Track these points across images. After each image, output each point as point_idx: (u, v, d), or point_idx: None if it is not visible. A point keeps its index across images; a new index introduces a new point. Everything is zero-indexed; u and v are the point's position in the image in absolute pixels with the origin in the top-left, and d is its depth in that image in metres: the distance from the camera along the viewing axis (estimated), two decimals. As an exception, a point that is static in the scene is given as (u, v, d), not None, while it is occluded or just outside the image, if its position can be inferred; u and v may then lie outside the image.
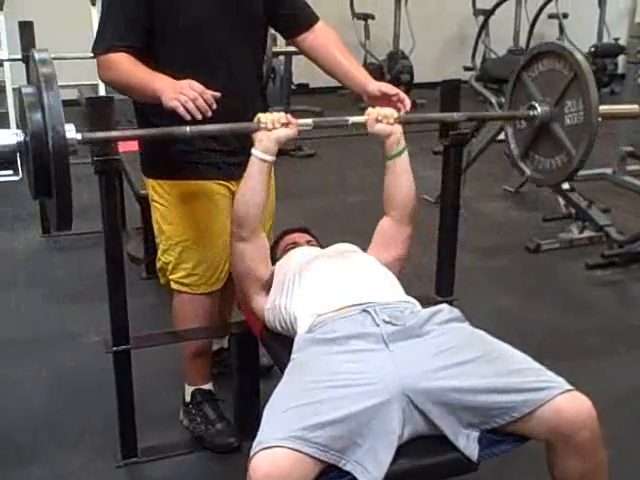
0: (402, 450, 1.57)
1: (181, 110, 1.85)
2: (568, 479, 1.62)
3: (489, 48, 7.65)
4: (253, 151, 1.93)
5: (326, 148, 6.07)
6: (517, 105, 2.33)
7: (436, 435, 1.60)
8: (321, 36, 2.28)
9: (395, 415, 1.55)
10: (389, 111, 2.05)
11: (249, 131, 1.95)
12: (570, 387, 1.57)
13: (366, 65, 8.28)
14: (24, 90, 1.65)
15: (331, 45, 2.27)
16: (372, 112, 2.05)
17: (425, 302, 2.03)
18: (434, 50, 8.51)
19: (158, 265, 2.35)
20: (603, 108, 2.12)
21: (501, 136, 4.56)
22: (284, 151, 2.12)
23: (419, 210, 2.13)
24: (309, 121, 2.00)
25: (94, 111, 1.95)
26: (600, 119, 2.10)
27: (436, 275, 2.44)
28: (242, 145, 2.10)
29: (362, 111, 2.12)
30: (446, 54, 8.51)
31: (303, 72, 7.37)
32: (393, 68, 7.97)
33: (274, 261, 2.21)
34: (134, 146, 2.38)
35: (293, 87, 7.48)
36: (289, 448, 1.44)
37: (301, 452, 1.45)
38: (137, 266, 3.57)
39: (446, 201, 2.38)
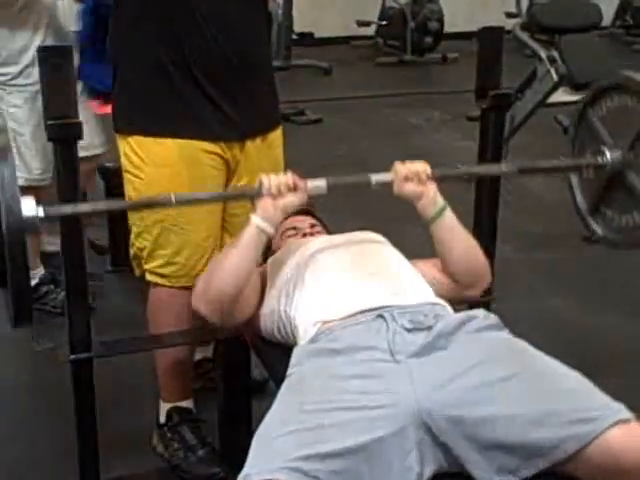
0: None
1: None
2: None
3: (538, -10, 7.64)
4: (253, 219, 1.94)
5: (334, 113, 6.09)
6: (583, 149, 2.30)
7: (461, 473, 1.59)
8: None
9: (411, 447, 1.55)
10: (421, 167, 2.02)
11: (248, 196, 1.99)
12: (627, 415, 1.53)
13: (385, 10, 8.28)
14: None
15: None
16: (400, 169, 2.01)
17: (457, 303, 2.03)
18: (469, -8, 8.49)
19: (132, 252, 2.36)
20: None
21: (552, 99, 4.56)
22: (283, 115, 2.14)
23: (489, 272, 2.12)
24: (322, 183, 1.97)
25: (49, 66, 1.95)
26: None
27: (471, 269, 2.44)
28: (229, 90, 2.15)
29: (380, 67, 2.11)
30: (484, -3, 8.50)
31: (306, 18, 7.36)
32: (418, 14, 7.97)
33: (269, 249, 2.22)
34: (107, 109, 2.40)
35: (294, 37, 7.49)
36: None
37: None
38: (100, 256, 3.59)
39: (484, 179, 2.37)
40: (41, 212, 1.75)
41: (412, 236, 2.13)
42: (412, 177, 2.00)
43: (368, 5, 8.35)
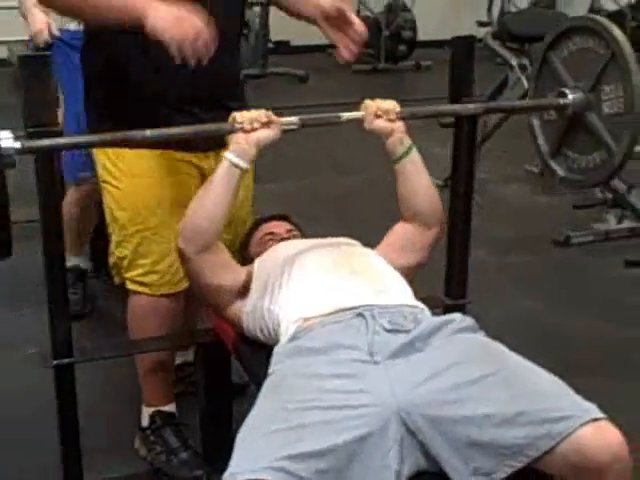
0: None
1: (175, 49, 1.86)
2: None
3: (508, -1, 7.68)
4: (226, 154, 1.96)
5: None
6: (544, 92, 2.34)
7: (440, 473, 1.60)
8: None
9: (390, 446, 1.56)
10: (390, 105, 2.09)
11: (222, 133, 1.99)
12: (598, 415, 1.54)
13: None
14: None
15: None
16: (370, 106, 2.08)
17: (432, 305, 2.04)
18: (442, 1, 8.52)
19: (111, 261, 2.35)
20: None
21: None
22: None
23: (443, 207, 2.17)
24: (294, 119, 2.03)
25: (29, 74, 1.93)
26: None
27: (445, 273, 2.44)
28: (209, 99, 2.14)
29: (355, 74, 2.13)
30: (456, 6, 8.54)
31: (283, 27, 7.33)
32: (392, 23, 8.00)
33: (247, 258, 2.23)
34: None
35: (270, 45, 7.49)
36: None
37: None
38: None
39: (458, 184, 2.38)
40: (17, 144, 1.76)
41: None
42: (381, 114, 2.07)
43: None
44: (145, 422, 2.44)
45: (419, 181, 2.12)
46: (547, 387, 1.63)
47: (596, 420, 1.53)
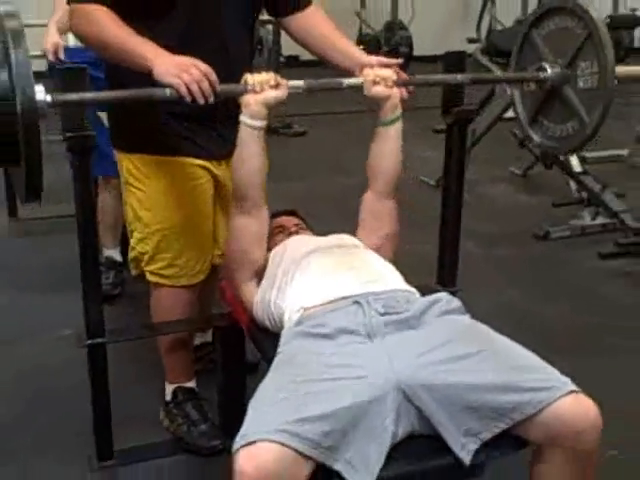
0: (395, 453, 1.58)
1: (183, 90, 1.84)
2: None
3: (495, 18, 7.66)
4: (241, 117, 1.94)
5: (318, 125, 6.08)
6: (526, 66, 2.34)
7: (431, 435, 1.61)
8: (312, 17, 2.31)
9: (389, 411, 1.57)
10: (387, 72, 2.08)
11: (235, 94, 1.96)
12: (575, 388, 1.57)
13: (361, 36, 8.30)
14: None
15: (323, 26, 2.31)
16: (369, 73, 2.07)
17: (425, 293, 2.04)
18: (435, 20, 8.51)
19: (131, 255, 2.34)
20: (620, 69, 2.13)
21: (508, 114, 4.59)
22: (271, 129, 2.14)
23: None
24: (300, 82, 2.02)
25: (66, 82, 1.93)
26: (616, 82, 2.11)
27: (438, 264, 2.45)
28: (227, 116, 2.11)
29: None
30: (448, 25, 8.52)
31: (293, 43, 7.37)
32: (390, 39, 8.00)
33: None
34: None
35: (282, 60, 7.47)
36: (277, 442, 1.44)
37: (290, 447, 1.45)
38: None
39: (449, 184, 2.39)
40: (49, 98, 1.74)
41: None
42: (379, 81, 2.06)
43: (346, 31, 8.33)
44: (168, 397, 2.45)
45: (393, 147, 2.11)
46: (530, 362, 1.65)
47: (574, 392, 1.56)
